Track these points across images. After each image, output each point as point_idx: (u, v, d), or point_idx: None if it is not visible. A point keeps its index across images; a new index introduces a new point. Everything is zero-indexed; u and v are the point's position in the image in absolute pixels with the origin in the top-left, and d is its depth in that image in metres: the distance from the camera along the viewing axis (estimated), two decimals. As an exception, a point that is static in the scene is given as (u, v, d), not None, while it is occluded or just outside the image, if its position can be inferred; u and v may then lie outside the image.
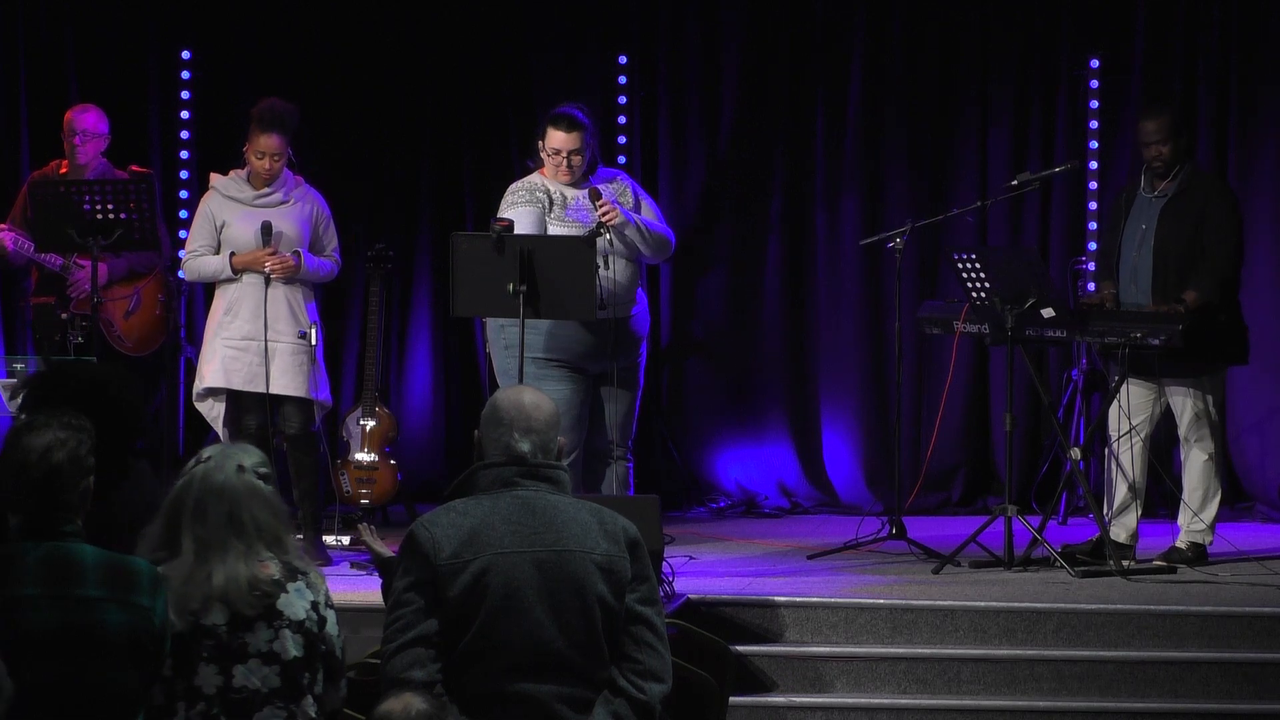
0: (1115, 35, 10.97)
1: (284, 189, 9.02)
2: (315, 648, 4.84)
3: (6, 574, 4.40)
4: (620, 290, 8.74)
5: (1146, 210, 9.01)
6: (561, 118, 8.80)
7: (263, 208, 8.97)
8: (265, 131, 8.92)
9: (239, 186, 9.03)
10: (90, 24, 11.18)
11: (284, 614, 4.79)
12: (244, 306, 8.91)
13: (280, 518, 4.85)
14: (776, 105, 11.23)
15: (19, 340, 10.92)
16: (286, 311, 8.90)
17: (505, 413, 4.95)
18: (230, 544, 4.75)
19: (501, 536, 4.80)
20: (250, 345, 8.88)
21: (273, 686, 4.78)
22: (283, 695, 4.78)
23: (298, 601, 4.82)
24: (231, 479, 4.80)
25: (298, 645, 4.80)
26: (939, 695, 7.82)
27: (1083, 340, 9.02)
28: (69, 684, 4.38)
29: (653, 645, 4.89)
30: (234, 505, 4.78)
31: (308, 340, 8.88)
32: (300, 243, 8.96)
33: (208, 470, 4.81)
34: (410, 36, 11.26)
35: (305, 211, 9.03)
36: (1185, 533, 9.00)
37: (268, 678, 4.77)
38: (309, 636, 4.82)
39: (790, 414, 11.30)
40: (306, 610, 4.82)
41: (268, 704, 4.77)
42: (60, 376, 5.17)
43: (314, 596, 4.85)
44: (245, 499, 4.80)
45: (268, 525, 4.81)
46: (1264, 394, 10.71)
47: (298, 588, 4.83)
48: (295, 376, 8.88)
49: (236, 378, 8.90)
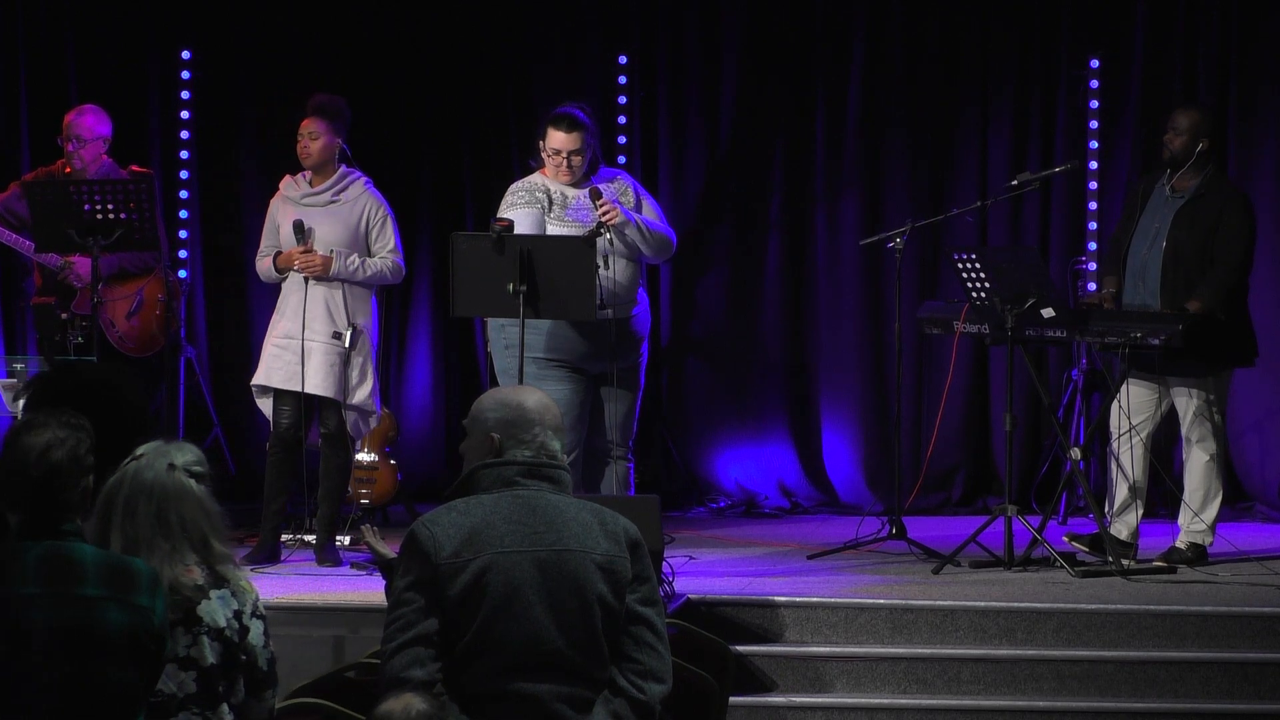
0: (1115, 35, 10.97)
1: (334, 189, 9.00)
2: (235, 656, 4.78)
3: (6, 573, 4.40)
4: (621, 290, 8.74)
5: (1162, 208, 9.00)
6: (562, 118, 8.80)
7: (307, 207, 8.99)
8: (306, 116, 9.01)
9: (296, 186, 9.06)
10: (90, 24, 11.19)
11: (204, 620, 4.73)
12: (289, 305, 8.95)
13: (209, 518, 4.78)
14: (776, 105, 11.23)
15: (19, 340, 10.93)
16: (324, 311, 8.90)
17: (534, 412, 4.95)
18: (156, 544, 4.69)
19: (502, 536, 4.80)
20: (290, 344, 8.90)
21: (189, 692, 4.72)
22: (199, 701, 4.73)
23: (219, 609, 4.76)
24: (161, 477, 4.74)
25: (215, 652, 4.74)
26: (939, 695, 7.83)
27: (1083, 340, 9.02)
28: (68, 683, 4.38)
29: (653, 646, 4.89)
30: (162, 504, 4.72)
31: (341, 342, 8.86)
32: (340, 243, 8.92)
33: (139, 467, 4.75)
34: (410, 37, 11.27)
35: (354, 212, 8.99)
36: (1185, 533, 9.00)
37: (184, 683, 4.72)
38: (228, 645, 4.76)
39: (790, 414, 11.30)
40: (228, 618, 4.77)
41: (183, 709, 4.71)
42: (63, 376, 5.17)
43: (237, 605, 4.80)
44: (174, 498, 4.73)
45: (195, 526, 4.75)
46: (1264, 394, 10.71)
47: (221, 595, 4.77)
48: (326, 377, 8.88)
49: (276, 375, 8.93)
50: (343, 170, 9.05)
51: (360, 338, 8.92)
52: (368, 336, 8.98)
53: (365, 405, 9.00)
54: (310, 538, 9.21)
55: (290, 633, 7.46)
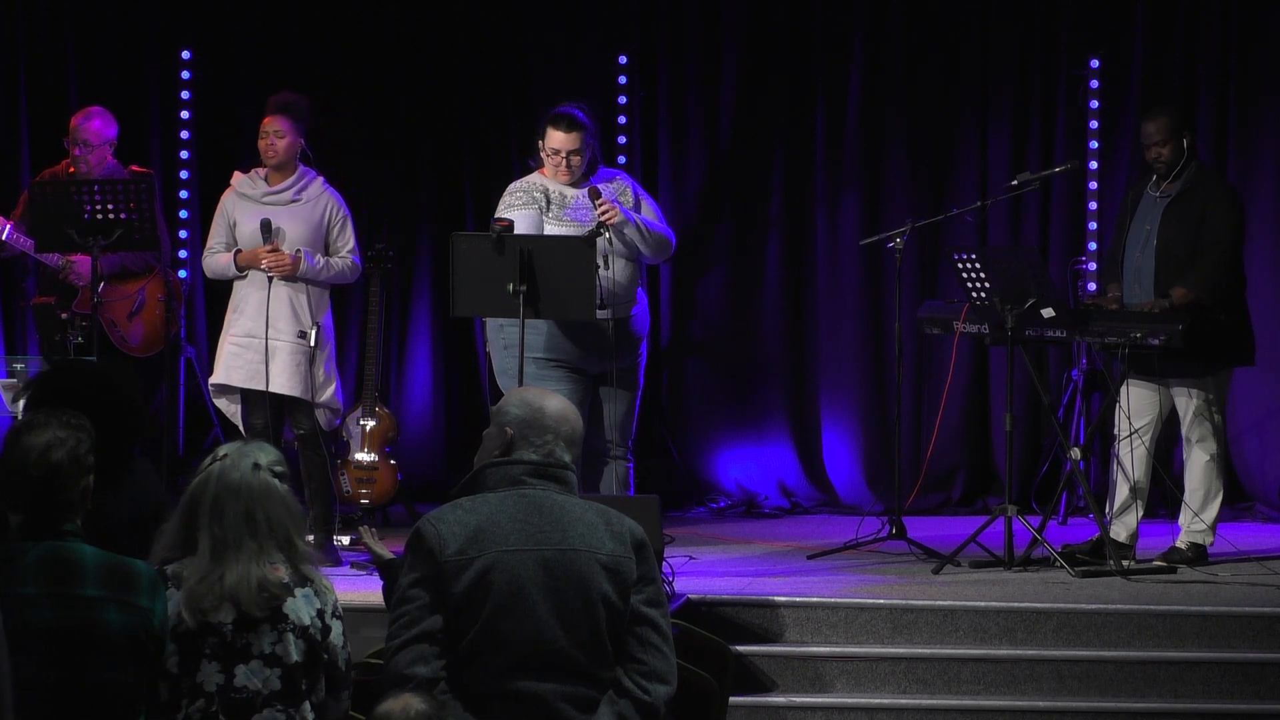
0: (1115, 35, 10.97)
1: (295, 188, 9.02)
2: (317, 655, 4.84)
3: (6, 573, 4.40)
4: (620, 290, 8.73)
5: (1151, 210, 9.01)
6: (561, 118, 8.80)
7: (270, 205, 8.99)
8: (269, 114, 9.02)
9: (253, 184, 9.05)
10: (90, 24, 11.19)
11: (289, 618, 4.80)
12: (248, 304, 8.93)
13: (294, 517, 4.85)
14: (776, 105, 11.23)
15: (19, 340, 10.93)
16: (288, 311, 8.91)
17: (551, 420, 4.95)
18: (244, 543, 4.76)
19: (507, 534, 4.80)
20: (251, 343, 8.89)
21: (273, 689, 4.78)
22: (282, 698, 4.79)
23: (304, 607, 4.82)
24: (248, 477, 4.81)
25: (300, 650, 4.80)
26: (939, 695, 7.83)
27: (1083, 340, 9.02)
28: (68, 683, 4.38)
29: (658, 647, 4.89)
30: (250, 503, 4.79)
31: (306, 341, 8.87)
32: (305, 242, 8.95)
33: (224, 468, 4.82)
34: (410, 36, 11.26)
35: (316, 211, 9.02)
36: (1185, 533, 9.00)
37: (269, 680, 4.78)
38: (312, 643, 4.82)
39: (790, 414, 11.30)
40: (312, 617, 4.83)
41: (268, 706, 4.77)
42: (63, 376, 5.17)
43: (320, 604, 4.86)
44: (261, 497, 4.80)
45: (280, 525, 4.82)
46: (1264, 394, 10.71)
47: (305, 593, 4.84)
48: (293, 377, 8.89)
49: (237, 374, 8.92)
50: (301, 169, 9.06)
51: (322, 336, 8.94)
52: (327, 335, 8.99)
53: (332, 403, 9.05)
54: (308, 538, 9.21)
55: (290, 633, 7.47)
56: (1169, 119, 8.99)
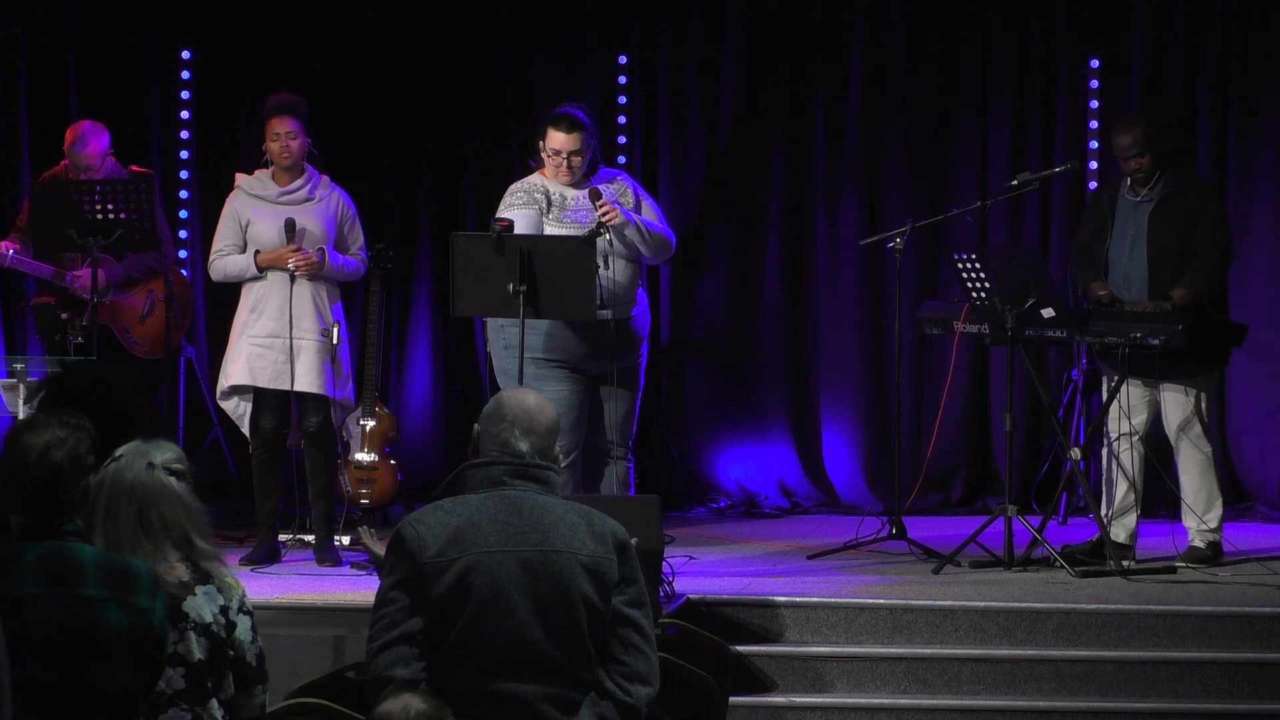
0: (1115, 35, 10.97)
1: (308, 186, 9.03)
2: (222, 652, 4.82)
3: (6, 573, 4.40)
4: (620, 290, 8.73)
5: (1132, 215, 8.99)
6: (562, 118, 8.79)
7: (287, 205, 8.99)
8: (277, 115, 9.00)
9: (263, 184, 9.05)
10: (90, 24, 11.19)
11: (190, 616, 4.77)
12: (269, 304, 8.93)
13: (190, 515, 4.80)
14: (776, 105, 11.23)
15: (19, 340, 10.93)
16: (311, 309, 8.92)
17: (509, 410, 4.95)
18: (140, 544, 4.72)
19: (487, 535, 4.80)
20: (275, 343, 8.90)
21: (177, 688, 4.75)
22: (187, 697, 4.76)
23: (205, 605, 4.79)
24: (141, 476, 4.76)
25: (203, 648, 4.78)
26: (939, 695, 7.83)
27: (1083, 340, 9.02)
28: (68, 683, 4.38)
29: (639, 648, 4.88)
30: (142, 503, 4.74)
31: (330, 338, 8.89)
32: (325, 240, 8.97)
33: (118, 468, 4.77)
34: (410, 37, 11.26)
35: (330, 208, 9.04)
36: (1202, 532, 8.96)
37: (172, 679, 4.75)
38: (215, 640, 4.80)
39: (790, 414, 11.30)
40: (214, 614, 4.80)
41: (172, 705, 4.74)
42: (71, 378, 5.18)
43: (224, 601, 4.83)
44: (154, 496, 4.76)
45: (176, 523, 4.77)
46: (1264, 394, 10.71)
47: (206, 591, 4.81)
48: (318, 374, 8.91)
49: (262, 375, 8.93)
50: (309, 168, 9.07)
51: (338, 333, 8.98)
52: (343, 331, 9.03)
53: (348, 401, 9.09)
54: (309, 537, 9.22)
55: (290, 633, 7.47)
56: (1142, 129, 8.93)
